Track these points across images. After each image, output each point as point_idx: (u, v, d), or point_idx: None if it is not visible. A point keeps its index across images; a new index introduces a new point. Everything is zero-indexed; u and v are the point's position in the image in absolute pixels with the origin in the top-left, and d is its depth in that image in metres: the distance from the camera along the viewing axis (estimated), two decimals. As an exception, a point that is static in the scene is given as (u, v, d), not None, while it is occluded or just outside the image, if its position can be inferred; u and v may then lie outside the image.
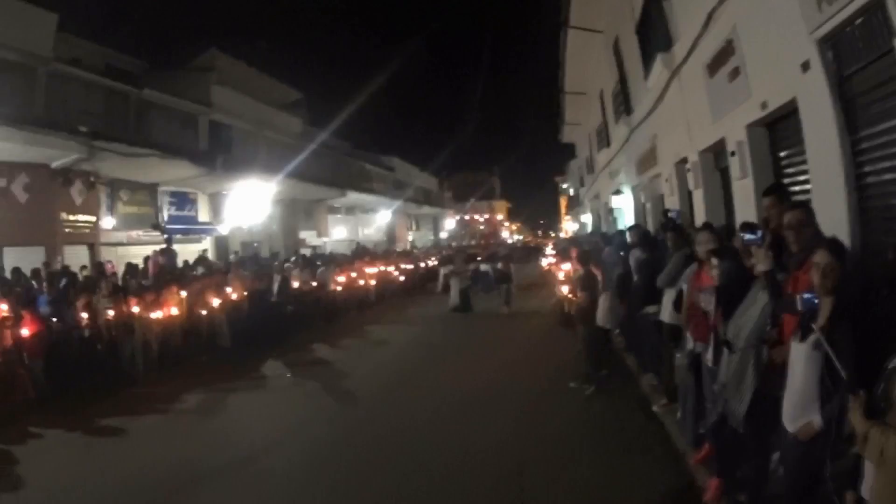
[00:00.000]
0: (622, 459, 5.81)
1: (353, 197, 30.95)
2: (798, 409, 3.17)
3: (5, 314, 8.55)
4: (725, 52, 6.81)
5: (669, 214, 7.94)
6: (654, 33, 9.94)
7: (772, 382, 3.48)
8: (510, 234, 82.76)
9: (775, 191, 4.75)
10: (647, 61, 10.51)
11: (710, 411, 4.68)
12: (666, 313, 6.34)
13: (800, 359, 3.13)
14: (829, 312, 2.92)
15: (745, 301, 3.80)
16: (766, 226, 4.25)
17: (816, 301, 2.93)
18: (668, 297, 6.28)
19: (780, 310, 3.49)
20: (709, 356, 4.65)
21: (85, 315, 9.61)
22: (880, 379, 2.44)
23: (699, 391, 5.17)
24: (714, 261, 4.45)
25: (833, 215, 4.65)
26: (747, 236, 3.92)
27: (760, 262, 3.57)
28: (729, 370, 3.91)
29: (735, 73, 6.61)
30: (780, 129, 6.27)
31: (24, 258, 13.00)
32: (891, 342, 2.56)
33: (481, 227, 71.57)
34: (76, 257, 14.85)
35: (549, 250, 26.30)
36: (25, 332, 8.50)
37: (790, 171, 6.15)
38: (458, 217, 62.97)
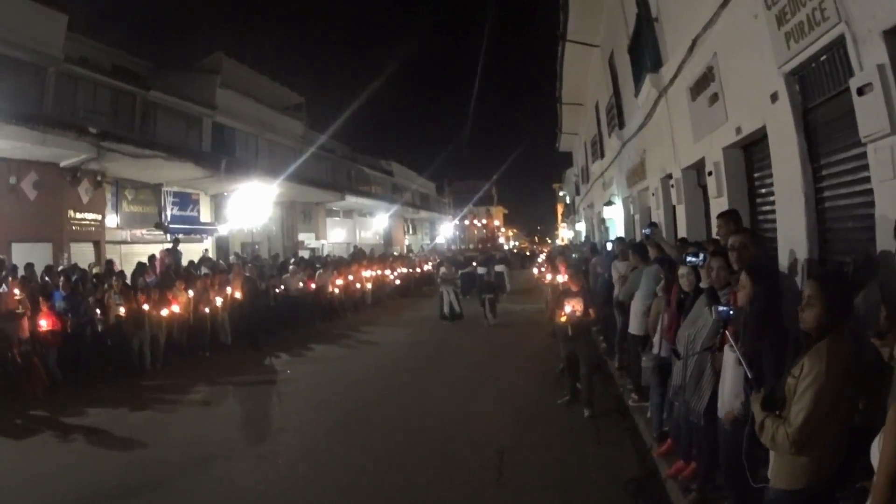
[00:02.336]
0: (593, 449, 6.31)
1: (352, 200, 31.04)
2: (727, 402, 3.67)
3: (20, 299, 8.98)
4: (706, 78, 7.13)
5: (643, 231, 8.38)
6: (644, 54, 10.23)
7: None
8: (506, 239, 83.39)
9: (725, 215, 5.23)
10: (638, 79, 10.78)
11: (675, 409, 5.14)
12: (632, 324, 6.82)
13: (729, 361, 3.61)
14: (746, 325, 3.39)
15: (693, 312, 4.27)
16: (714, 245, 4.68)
17: (731, 312, 3.40)
18: (635, 309, 6.73)
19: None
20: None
21: (98, 310, 10.02)
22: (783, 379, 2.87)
23: (663, 392, 5.65)
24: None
25: (794, 233, 5.08)
26: (691, 259, 4.37)
27: (703, 280, 4.08)
28: (685, 373, 4.39)
29: (714, 98, 6.92)
30: (754, 152, 6.59)
31: (32, 254, 13.25)
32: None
33: (479, 232, 71.98)
34: (82, 254, 15.09)
35: (541, 258, 26.45)
36: (44, 324, 8.91)
37: (763, 191, 6.49)
38: (456, 222, 63.28)
